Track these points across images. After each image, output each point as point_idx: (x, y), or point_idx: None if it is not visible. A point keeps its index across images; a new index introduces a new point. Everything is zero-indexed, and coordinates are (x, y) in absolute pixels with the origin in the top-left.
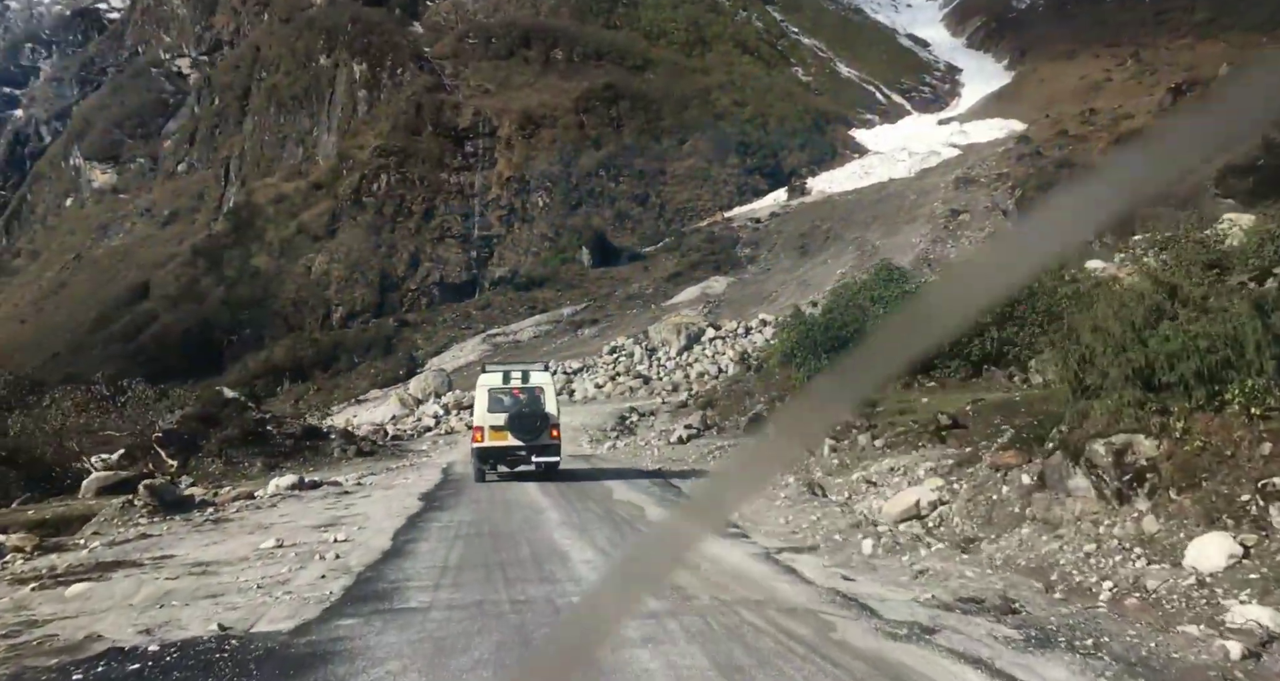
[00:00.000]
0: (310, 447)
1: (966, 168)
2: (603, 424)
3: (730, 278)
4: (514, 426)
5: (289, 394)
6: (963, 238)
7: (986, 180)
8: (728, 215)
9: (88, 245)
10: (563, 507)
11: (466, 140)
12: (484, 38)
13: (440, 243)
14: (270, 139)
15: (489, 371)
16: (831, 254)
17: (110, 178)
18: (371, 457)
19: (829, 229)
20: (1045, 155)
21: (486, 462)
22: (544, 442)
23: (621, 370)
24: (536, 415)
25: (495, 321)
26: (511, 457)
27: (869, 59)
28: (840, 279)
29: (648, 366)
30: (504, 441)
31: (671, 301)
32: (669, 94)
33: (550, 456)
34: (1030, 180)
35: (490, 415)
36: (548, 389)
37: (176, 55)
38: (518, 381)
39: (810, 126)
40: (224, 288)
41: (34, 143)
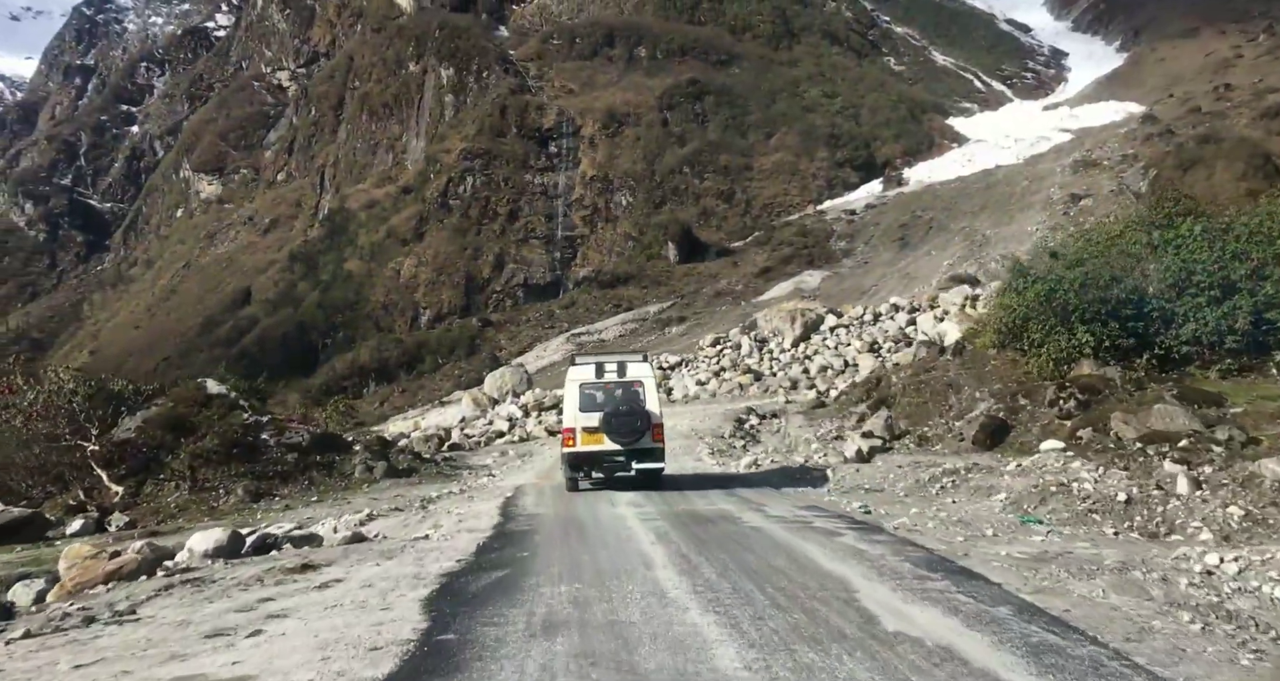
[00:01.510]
0: (321, 464)
1: (1084, 151)
2: (717, 428)
3: (825, 271)
4: (610, 427)
5: (375, 395)
6: (1085, 223)
7: (1110, 163)
8: (820, 208)
9: (196, 253)
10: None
11: (550, 141)
12: (568, 38)
13: (525, 244)
14: (362, 146)
15: (579, 364)
16: (935, 245)
17: (216, 188)
18: (408, 478)
19: (931, 219)
20: (1178, 134)
21: (579, 469)
22: (645, 446)
23: (727, 364)
24: (636, 414)
25: (579, 320)
26: (608, 463)
27: (966, 46)
28: (948, 270)
29: (758, 360)
30: (599, 445)
31: (763, 297)
32: (755, 88)
33: (653, 462)
34: (1167, 160)
35: (583, 415)
36: (648, 383)
37: (276, 68)
38: (613, 375)
39: (905, 116)
40: (319, 292)
41: (149, 157)
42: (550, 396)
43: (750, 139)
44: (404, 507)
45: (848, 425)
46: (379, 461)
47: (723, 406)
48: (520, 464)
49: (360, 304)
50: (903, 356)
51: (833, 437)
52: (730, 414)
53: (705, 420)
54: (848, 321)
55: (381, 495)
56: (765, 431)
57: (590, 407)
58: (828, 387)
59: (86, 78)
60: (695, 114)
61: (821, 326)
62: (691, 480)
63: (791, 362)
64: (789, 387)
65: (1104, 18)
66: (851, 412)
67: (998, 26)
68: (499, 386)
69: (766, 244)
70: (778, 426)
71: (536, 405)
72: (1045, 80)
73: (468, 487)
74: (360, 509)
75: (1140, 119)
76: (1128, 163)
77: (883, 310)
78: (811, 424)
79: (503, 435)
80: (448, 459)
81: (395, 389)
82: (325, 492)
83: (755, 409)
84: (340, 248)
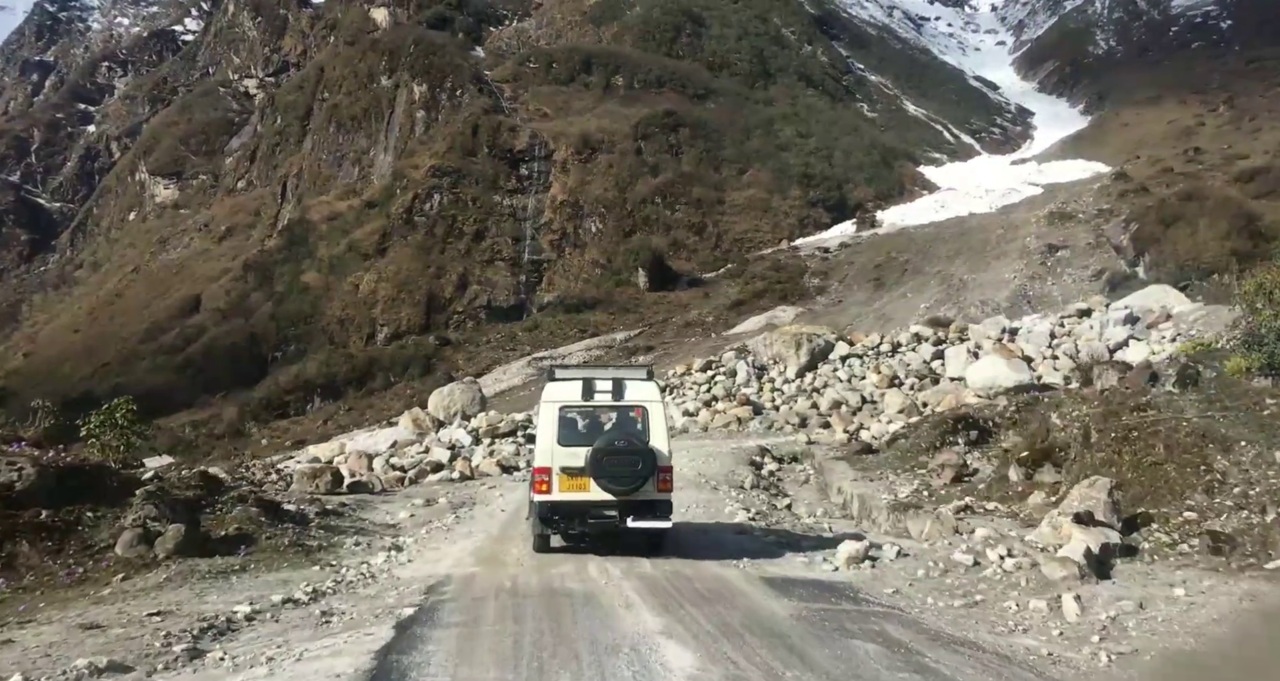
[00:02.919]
0: (52, 527)
1: (1059, 203)
2: (731, 473)
3: (799, 308)
4: (600, 470)
5: (320, 412)
6: (1064, 274)
7: (1085, 216)
8: (794, 244)
9: (146, 258)
10: None
11: (522, 163)
12: (545, 62)
13: (490, 265)
14: (328, 158)
15: (560, 378)
16: (911, 287)
17: (173, 193)
18: (228, 555)
19: (906, 261)
20: (1152, 191)
21: (554, 525)
22: (648, 496)
23: (720, 393)
24: (636, 453)
25: (542, 344)
26: (595, 519)
27: (936, 98)
28: (925, 313)
29: (756, 390)
30: (583, 494)
31: (734, 330)
32: (731, 123)
33: (656, 519)
34: (1149, 214)
35: (562, 450)
36: (653, 410)
37: (244, 76)
38: (605, 397)
39: (877, 161)
40: (272, 303)
41: (104, 158)
42: (508, 421)
43: (724, 173)
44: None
45: (937, 482)
46: (176, 522)
47: (726, 444)
48: (453, 522)
49: (315, 318)
50: (931, 395)
51: (927, 501)
52: (740, 454)
53: (710, 461)
54: (861, 351)
55: (127, 606)
56: (789, 481)
57: (573, 441)
58: (856, 428)
59: (45, 74)
60: (670, 145)
61: (831, 355)
62: (764, 586)
63: (797, 395)
64: (797, 424)
65: (1068, 81)
66: (928, 466)
67: (967, 81)
68: (446, 406)
69: (739, 277)
70: (804, 474)
71: (490, 430)
72: (1012, 136)
73: (330, 587)
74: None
75: (1112, 176)
76: (1104, 217)
77: (903, 340)
78: (868, 477)
79: (440, 468)
80: (335, 511)
81: (342, 406)
82: (19, 593)
83: (770, 450)
84: (298, 259)
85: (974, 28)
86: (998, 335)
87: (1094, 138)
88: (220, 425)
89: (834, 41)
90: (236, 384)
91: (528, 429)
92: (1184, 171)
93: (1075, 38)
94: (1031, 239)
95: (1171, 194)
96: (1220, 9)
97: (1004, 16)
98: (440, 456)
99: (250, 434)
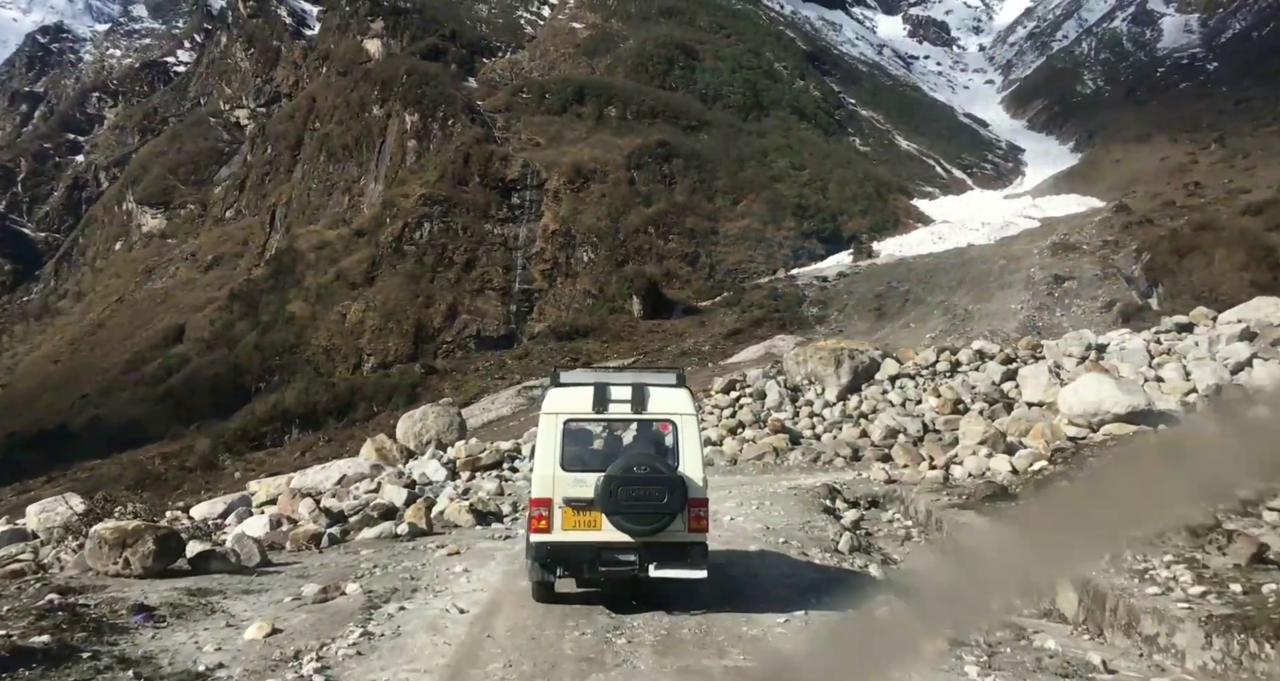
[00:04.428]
0: None
1: (1062, 235)
2: (806, 527)
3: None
4: (614, 503)
5: (298, 444)
6: (1073, 306)
7: (1090, 247)
8: (791, 273)
9: (131, 288)
10: None
11: (513, 192)
12: (538, 93)
13: (480, 294)
14: (318, 187)
15: (568, 382)
16: (914, 317)
17: (160, 222)
18: None
19: (908, 291)
20: (1157, 223)
21: (554, 570)
22: (674, 538)
23: (747, 419)
24: (661, 481)
25: (533, 372)
26: (608, 566)
27: (927, 133)
28: (930, 343)
29: (791, 415)
30: (593, 533)
31: (732, 359)
32: (724, 154)
33: (686, 567)
34: (1162, 245)
35: (567, 476)
36: (683, 425)
37: (236, 106)
38: (623, 407)
39: (871, 193)
40: (257, 333)
41: (91, 188)
42: (492, 451)
43: (717, 203)
44: None
45: (1220, 562)
46: None
47: (775, 482)
48: (345, 658)
49: (301, 348)
50: (1011, 423)
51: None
52: (804, 497)
53: (770, 507)
54: (913, 370)
55: None
56: (883, 536)
57: (580, 464)
58: (946, 462)
59: (34, 105)
60: (663, 175)
61: (877, 374)
62: None
63: (841, 421)
64: (849, 457)
65: (1057, 119)
66: (1165, 533)
67: (957, 118)
68: (417, 432)
69: (736, 305)
70: (901, 528)
71: (469, 462)
72: (1004, 172)
73: None
74: None
75: (1113, 209)
76: (1110, 248)
77: (963, 358)
78: None
79: (393, 516)
80: (98, 632)
81: (321, 438)
82: None
83: (839, 490)
84: (284, 288)
85: (962, 67)
86: (1082, 352)
87: (1086, 174)
88: (192, 457)
89: (826, 77)
90: (217, 415)
91: (516, 459)
92: (1187, 205)
93: (1063, 77)
94: (1036, 270)
95: (1184, 224)
96: (1206, 51)
97: (992, 56)
98: (394, 497)
99: (224, 466)
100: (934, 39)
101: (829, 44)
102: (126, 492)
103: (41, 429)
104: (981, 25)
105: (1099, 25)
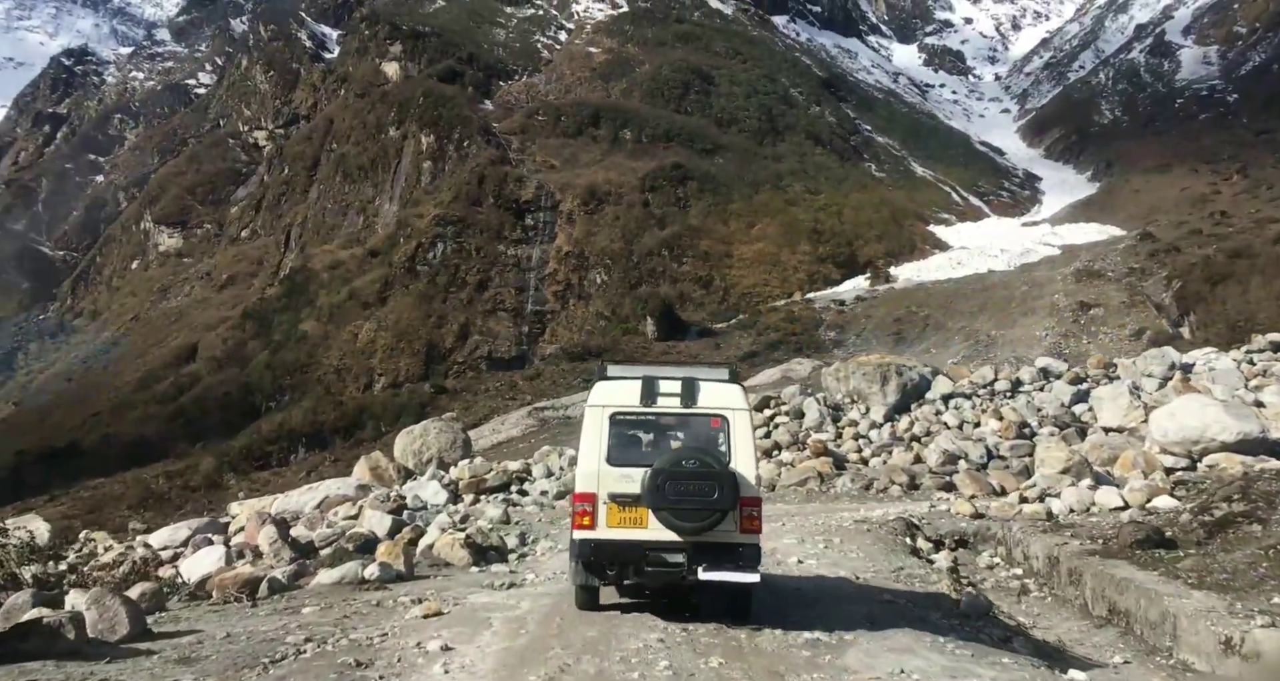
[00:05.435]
0: None
1: (1085, 262)
2: (898, 576)
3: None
4: (661, 498)
5: (304, 463)
6: (1099, 333)
7: (1115, 275)
8: (808, 296)
9: (146, 307)
10: None
11: (527, 213)
12: (553, 115)
13: (492, 315)
14: (333, 207)
15: (614, 376)
16: (934, 342)
17: (176, 242)
18: None
19: (928, 316)
20: (1184, 251)
21: (601, 572)
22: (725, 538)
23: (784, 440)
24: (711, 476)
25: (544, 393)
26: (654, 566)
27: (944, 160)
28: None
29: (833, 436)
30: (639, 531)
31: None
32: (739, 177)
33: (736, 570)
34: (1193, 272)
35: (612, 470)
36: (736, 421)
37: (254, 127)
38: (673, 401)
39: (887, 218)
40: (269, 351)
41: (110, 208)
42: (499, 472)
43: (731, 227)
44: None
45: None
46: None
47: (833, 514)
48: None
49: (312, 367)
50: (1090, 449)
51: None
52: (878, 533)
53: (841, 545)
54: (968, 388)
55: None
56: (990, 586)
57: (627, 459)
58: (1039, 495)
59: (57, 126)
60: (677, 198)
61: (928, 393)
62: None
63: (891, 444)
64: (906, 485)
65: (1075, 148)
66: None
67: (974, 145)
68: (416, 450)
69: (751, 327)
70: (1013, 577)
71: (473, 484)
72: (1021, 200)
73: None
74: None
75: (1137, 237)
76: (1136, 275)
77: (1025, 377)
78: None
79: (371, 548)
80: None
81: (328, 457)
82: None
83: (917, 525)
84: (298, 307)
85: (978, 95)
86: (1164, 372)
87: (1105, 203)
88: (196, 476)
89: (841, 103)
90: (227, 434)
91: (525, 482)
92: (1215, 233)
93: (1079, 107)
94: (1060, 296)
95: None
96: (1226, 83)
97: (1008, 85)
98: (374, 525)
99: (228, 485)
100: (949, 68)
101: (844, 71)
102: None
103: (51, 446)
104: (997, 55)
105: (1116, 56)
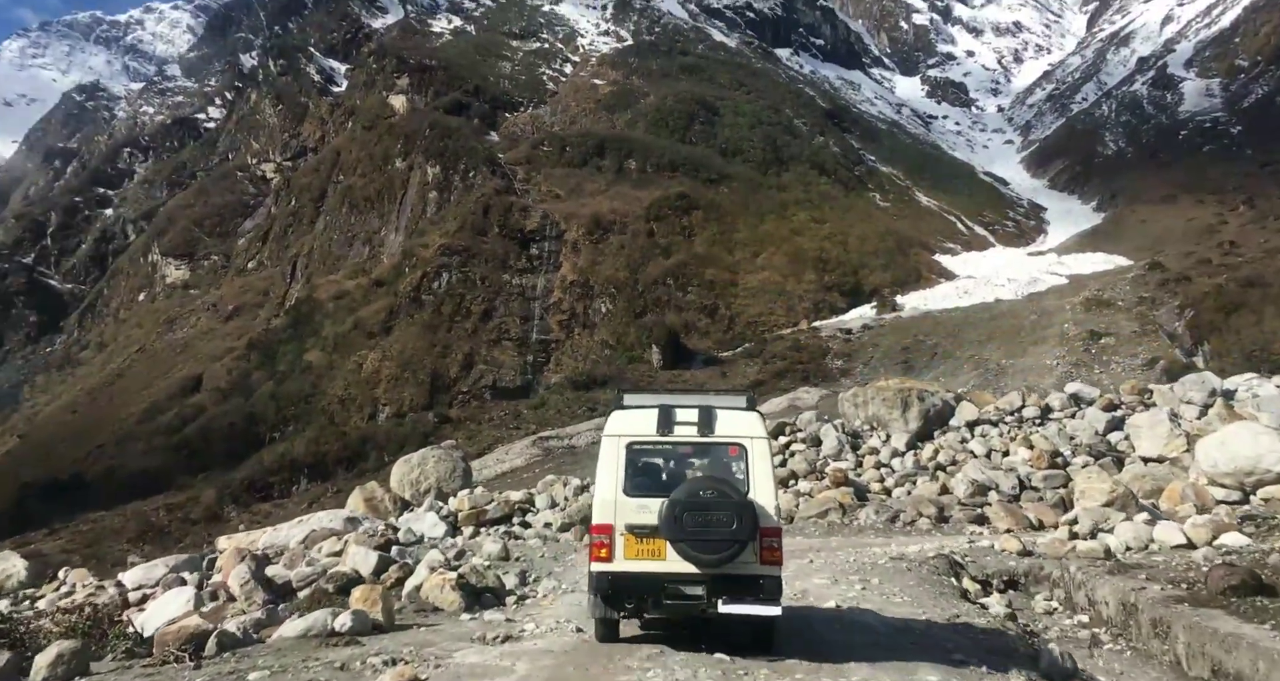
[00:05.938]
0: None
1: (1095, 291)
2: (949, 622)
3: (823, 390)
4: (679, 529)
5: (306, 494)
6: (1111, 363)
7: (1125, 304)
8: (814, 325)
9: (152, 339)
10: None
11: (532, 242)
12: (558, 146)
13: (497, 345)
14: (339, 238)
15: (631, 405)
16: (943, 371)
17: (184, 273)
18: None
19: (935, 345)
20: (1195, 281)
21: (619, 605)
22: (745, 570)
23: (801, 469)
24: (730, 506)
25: (549, 422)
26: (673, 599)
27: (948, 190)
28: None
29: (853, 465)
30: (657, 563)
31: None
32: (744, 207)
33: (756, 603)
34: (1206, 301)
35: (630, 501)
36: (754, 450)
37: (263, 160)
38: (689, 430)
39: (892, 248)
40: (274, 382)
41: (119, 241)
42: (501, 502)
43: (737, 256)
44: None
45: None
46: None
47: (864, 549)
48: None
49: (316, 397)
50: (1132, 480)
51: None
52: (921, 573)
53: (880, 586)
54: (994, 415)
55: None
56: (1055, 637)
57: (645, 488)
58: (1092, 531)
59: (67, 160)
60: (682, 227)
61: (952, 420)
62: None
63: (915, 473)
64: (935, 518)
65: (1079, 179)
66: None
67: (978, 176)
68: (414, 479)
69: (758, 356)
70: (1079, 626)
71: (473, 516)
72: (1026, 230)
73: None
74: None
75: (1146, 266)
76: (1146, 305)
77: (1054, 403)
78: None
79: (352, 587)
80: None
81: (330, 488)
82: None
83: (960, 563)
84: (302, 338)
85: (981, 127)
86: (1204, 399)
87: (1111, 233)
88: (197, 508)
89: (845, 134)
90: (231, 465)
91: (528, 513)
92: (1224, 263)
93: (1083, 139)
94: (1070, 325)
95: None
96: (1229, 115)
97: (1011, 117)
98: (359, 562)
99: (229, 518)
100: (952, 100)
101: (848, 102)
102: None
103: (55, 479)
104: (999, 87)
105: (1119, 88)
